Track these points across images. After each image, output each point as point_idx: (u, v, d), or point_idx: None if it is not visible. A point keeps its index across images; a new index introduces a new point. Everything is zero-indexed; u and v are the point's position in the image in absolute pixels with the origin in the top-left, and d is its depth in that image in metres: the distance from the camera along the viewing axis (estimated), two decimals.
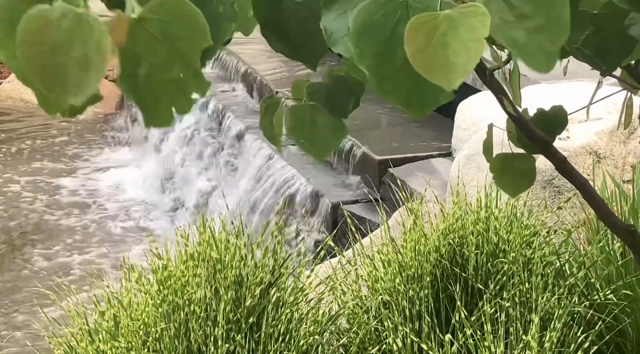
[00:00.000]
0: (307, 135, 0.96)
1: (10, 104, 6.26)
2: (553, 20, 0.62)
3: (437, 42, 0.57)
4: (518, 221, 1.99)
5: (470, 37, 0.57)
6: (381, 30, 0.62)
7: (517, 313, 1.78)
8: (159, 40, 0.59)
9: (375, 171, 3.47)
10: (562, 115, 1.19)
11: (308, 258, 2.09)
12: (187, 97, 0.63)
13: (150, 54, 0.59)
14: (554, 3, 0.62)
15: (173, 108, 0.63)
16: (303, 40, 0.78)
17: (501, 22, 0.61)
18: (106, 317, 1.78)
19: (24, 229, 4.44)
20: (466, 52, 0.57)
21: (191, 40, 0.60)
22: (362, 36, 0.62)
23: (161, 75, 0.61)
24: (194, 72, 0.61)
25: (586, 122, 2.73)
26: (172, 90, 0.62)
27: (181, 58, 0.60)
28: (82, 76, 0.55)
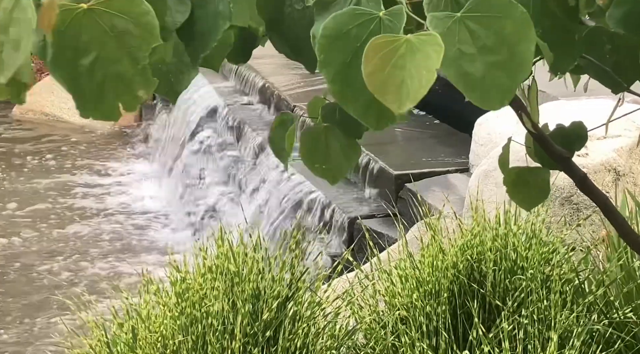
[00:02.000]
0: (320, 159, 0.97)
1: (30, 117, 6.34)
2: (515, 57, 0.62)
3: (395, 65, 0.58)
4: (537, 238, 1.98)
5: (424, 65, 0.57)
6: (352, 41, 0.63)
7: (535, 330, 1.77)
8: (108, 33, 0.59)
9: (392, 186, 3.47)
10: (582, 131, 1.19)
11: (325, 272, 2.09)
12: (133, 93, 0.63)
13: (97, 45, 0.60)
14: (519, 39, 0.62)
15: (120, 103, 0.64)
16: (303, 44, 0.79)
17: (459, 54, 0.61)
18: (124, 329, 1.79)
19: (42, 239, 4.48)
20: (419, 79, 0.58)
21: (140, 36, 0.60)
22: (330, 44, 0.63)
23: (107, 69, 0.61)
24: (141, 68, 0.61)
25: (605, 139, 2.72)
26: (117, 85, 0.62)
27: (129, 53, 0.60)
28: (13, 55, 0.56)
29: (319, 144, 0.97)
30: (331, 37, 0.62)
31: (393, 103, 0.58)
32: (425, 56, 0.57)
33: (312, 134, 0.97)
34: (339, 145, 0.96)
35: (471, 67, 0.61)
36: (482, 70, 0.61)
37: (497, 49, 0.61)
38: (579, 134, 1.17)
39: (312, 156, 0.97)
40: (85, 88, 0.62)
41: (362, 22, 0.62)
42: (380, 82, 0.58)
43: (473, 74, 0.61)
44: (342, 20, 0.62)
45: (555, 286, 1.85)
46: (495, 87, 0.62)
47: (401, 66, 0.57)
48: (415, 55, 0.57)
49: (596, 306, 1.86)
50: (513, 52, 0.61)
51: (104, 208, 4.90)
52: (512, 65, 0.62)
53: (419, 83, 0.57)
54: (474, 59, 0.61)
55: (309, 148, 0.97)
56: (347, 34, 0.62)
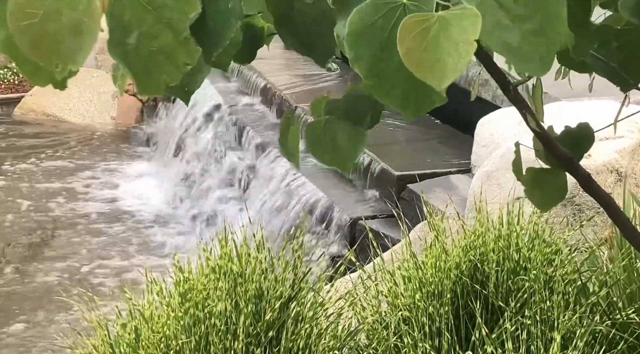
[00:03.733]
0: (327, 149, 0.97)
1: (32, 117, 6.34)
2: (549, 23, 0.62)
3: (429, 42, 0.58)
4: (540, 238, 1.98)
5: (462, 39, 0.57)
6: (378, 32, 0.62)
7: (538, 331, 1.77)
8: (146, 9, 0.59)
9: (394, 186, 3.47)
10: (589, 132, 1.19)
11: (327, 273, 2.09)
12: (176, 65, 0.63)
13: (138, 22, 0.60)
14: (549, 4, 0.62)
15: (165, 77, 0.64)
16: (313, 39, 0.79)
17: (495, 24, 0.61)
18: (128, 329, 1.79)
19: (43, 239, 4.48)
20: (457, 53, 0.57)
21: (177, 7, 0.60)
22: (358, 38, 0.63)
23: (149, 44, 0.61)
24: (182, 39, 0.62)
25: (607, 140, 2.72)
26: (161, 59, 0.62)
27: (168, 26, 0.60)
28: (75, 41, 0.56)
29: (325, 134, 0.96)
30: (358, 32, 0.62)
31: (433, 80, 0.58)
32: (461, 30, 0.57)
33: (316, 126, 0.97)
34: (345, 133, 0.96)
35: (509, 36, 0.61)
36: (519, 38, 0.61)
37: (529, 16, 0.61)
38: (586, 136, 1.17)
39: (319, 146, 0.96)
40: (136, 66, 0.62)
41: (386, 12, 0.62)
42: (417, 61, 0.58)
43: (512, 43, 0.61)
44: (366, 13, 0.62)
45: (558, 287, 1.85)
46: (536, 54, 0.62)
47: (435, 44, 0.57)
48: (449, 30, 0.57)
49: (599, 307, 1.86)
50: (546, 17, 0.61)
51: (106, 208, 4.90)
52: (547, 30, 0.62)
53: (458, 57, 0.57)
54: (510, 29, 0.61)
55: (314, 140, 0.97)
56: (373, 26, 0.62)
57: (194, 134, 5.04)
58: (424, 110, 0.66)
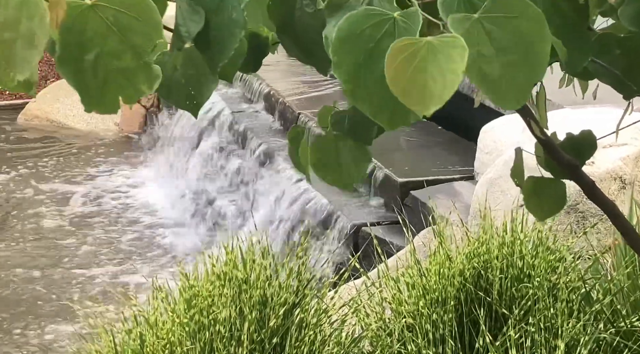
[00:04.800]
0: (331, 168, 0.97)
1: (36, 123, 6.36)
2: (531, 56, 0.62)
3: (416, 67, 0.58)
4: (543, 246, 1.98)
5: (448, 68, 0.57)
6: (365, 41, 0.63)
7: (542, 338, 1.77)
8: (111, 29, 0.60)
9: (397, 193, 3.48)
10: (591, 139, 1.19)
11: (331, 279, 2.10)
12: (135, 87, 0.64)
13: (101, 41, 0.60)
14: (534, 39, 0.62)
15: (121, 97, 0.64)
16: (314, 47, 0.79)
17: (478, 55, 0.61)
18: (133, 335, 1.80)
19: (47, 245, 4.49)
20: (443, 81, 0.58)
21: (144, 32, 0.61)
22: (344, 44, 0.63)
23: (110, 64, 0.61)
24: (144, 63, 0.62)
25: (611, 147, 2.72)
26: (120, 79, 0.62)
27: (132, 49, 0.61)
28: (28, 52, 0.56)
29: (329, 153, 0.97)
30: (345, 38, 0.63)
31: (417, 105, 0.58)
32: (448, 58, 0.57)
33: (321, 143, 0.97)
34: (349, 153, 0.97)
35: (489, 67, 0.61)
36: (499, 70, 0.61)
37: (513, 48, 0.61)
38: (589, 143, 1.18)
39: (323, 165, 0.97)
40: (90, 83, 0.63)
41: (376, 22, 0.62)
42: (403, 86, 0.58)
43: (491, 75, 0.61)
44: (356, 21, 0.62)
45: (562, 295, 1.85)
46: (513, 87, 0.62)
47: (423, 69, 0.57)
48: (437, 57, 0.57)
49: (603, 315, 1.86)
50: (529, 52, 0.62)
51: (109, 214, 4.91)
52: (528, 64, 0.62)
53: (442, 86, 0.57)
54: (492, 60, 0.61)
55: (320, 158, 0.98)
56: (361, 34, 0.62)
57: (197, 140, 5.05)
58: (399, 124, 0.66)
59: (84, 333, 1.96)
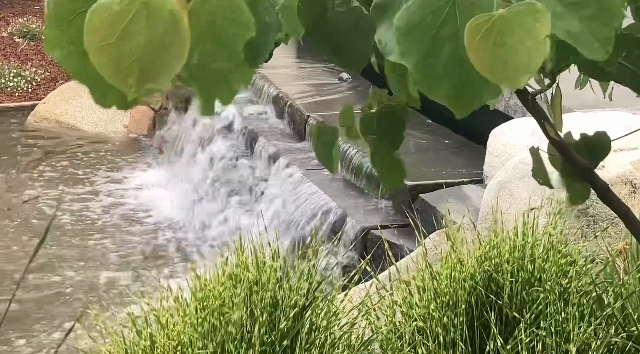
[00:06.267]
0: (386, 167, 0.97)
1: (45, 125, 6.38)
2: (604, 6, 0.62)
3: (494, 43, 0.58)
4: (554, 249, 1.98)
5: (528, 37, 0.57)
6: (427, 28, 0.63)
7: (553, 342, 1.77)
8: (206, 31, 0.60)
9: (406, 196, 3.47)
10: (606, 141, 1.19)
11: (341, 282, 2.10)
12: (230, 88, 0.64)
13: (199, 44, 0.61)
14: None
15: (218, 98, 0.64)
16: (346, 47, 0.79)
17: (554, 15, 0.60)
18: (143, 336, 1.80)
19: (58, 246, 4.50)
20: (526, 52, 0.57)
21: (236, 32, 0.61)
22: (407, 34, 0.63)
23: (208, 65, 0.62)
24: (237, 63, 0.62)
25: (622, 151, 2.72)
26: (215, 80, 0.63)
27: (226, 49, 0.61)
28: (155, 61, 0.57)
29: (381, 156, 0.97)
30: (407, 28, 0.63)
31: (505, 81, 0.58)
32: (525, 28, 0.57)
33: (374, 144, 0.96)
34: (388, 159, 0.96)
35: (568, 24, 0.61)
36: (578, 25, 0.62)
37: (585, 2, 0.62)
38: (603, 144, 1.17)
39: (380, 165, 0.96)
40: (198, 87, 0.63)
41: (435, 8, 0.62)
42: (487, 64, 0.58)
43: (573, 30, 0.61)
44: (414, 10, 0.63)
45: (573, 299, 1.85)
46: (594, 38, 0.62)
47: (501, 44, 0.57)
48: (513, 30, 0.57)
49: (614, 319, 1.86)
50: (601, 3, 0.62)
51: (119, 215, 4.92)
52: (604, 13, 0.62)
53: (527, 56, 0.57)
54: (566, 17, 0.61)
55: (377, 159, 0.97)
56: (422, 22, 0.62)
57: (205, 143, 5.06)
58: (472, 107, 0.65)
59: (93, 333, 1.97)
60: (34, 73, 6.93)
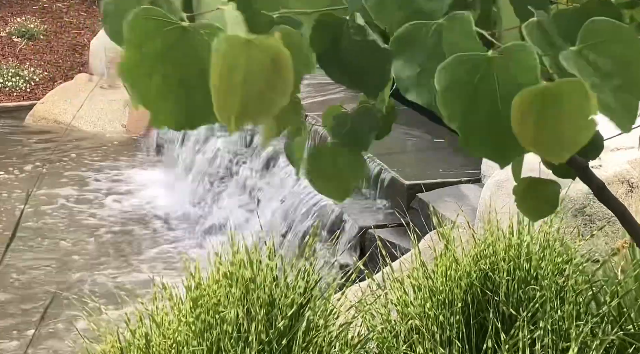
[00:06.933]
0: (327, 179, 0.97)
1: (43, 125, 6.38)
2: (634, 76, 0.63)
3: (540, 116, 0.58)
4: (551, 248, 1.98)
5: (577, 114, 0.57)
6: (465, 86, 0.63)
7: (549, 340, 1.77)
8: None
9: (403, 196, 3.47)
10: (598, 139, 1.19)
11: (338, 281, 2.09)
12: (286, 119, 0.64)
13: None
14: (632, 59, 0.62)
15: None
16: (361, 73, 0.79)
17: (592, 86, 0.61)
18: (137, 335, 1.80)
19: (53, 246, 4.50)
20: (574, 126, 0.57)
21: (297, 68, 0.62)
22: (448, 95, 0.63)
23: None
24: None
25: (618, 150, 2.71)
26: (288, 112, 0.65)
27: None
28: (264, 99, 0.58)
29: (326, 163, 0.96)
30: (447, 90, 0.63)
31: (549, 155, 0.58)
32: (573, 105, 0.57)
33: (319, 153, 0.97)
34: (346, 164, 0.96)
35: (603, 96, 0.62)
36: (611, 96, 0.62)
37: (616, 72, 0.62)
38: (595, 143, 1.17)
39: (319, 175, 0.97)
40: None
41: (470, 67, 0.62)
42: (531, 137, 0.58)
43: (607, 102, 0.62)
44: (452, 68, 0.63)
45: (569, 297, 1.85)
46: (625, 109, 0.63)
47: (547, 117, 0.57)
48: (560, 104, 0.57)
49: (610, 318, 1.85)
50: (631, 73, 0.63)
51: (116, 214, 4.92)
52: (633, 84, 0.63)
53: (575, 131, 0.57)
54: (602, 88, 0.62)
55: (315, 168, 0.97)
56: (458, 83, 0.63)
57: (204, 141, 5.06)
58: (513, 157, 0.66)
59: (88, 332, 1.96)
60: (32, 73, 6.93)
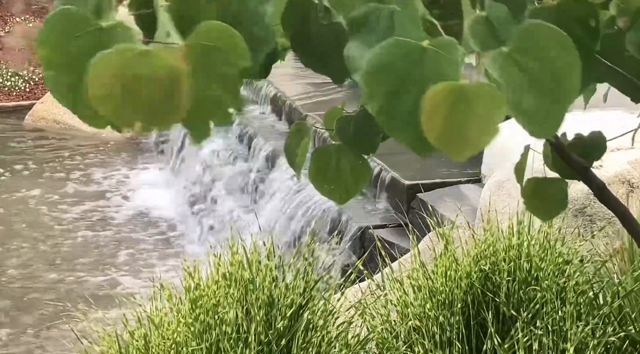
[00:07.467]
0: (329, 180, 0.96)
1: (43, 125, 6.38)
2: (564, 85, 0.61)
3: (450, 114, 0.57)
4: (551, 248, 1.97)
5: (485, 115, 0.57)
6: (396, 70, 0.62)
7: (550, 341, 1.76)
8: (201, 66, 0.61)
9: (403, 196, 3.47)
10: (601, 141, 1.18)
11: (337, 281, 2.09)
12: (224, 112, 0.65)
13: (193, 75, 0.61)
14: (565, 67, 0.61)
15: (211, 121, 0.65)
16: (328, 58, 0.79)
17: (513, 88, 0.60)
18: (136, 336, 1.79)
19: (51, 246, 4.49)
20: (479, 129, 0.57)
21: (232, 62, 0.61)
22: (375, 75, 0.62)
23: (201, 94, 0.62)
24: (232, 90, 0.63)
25: (619, 151, 2.71)
26: (210, 107, 0.63)
27: (221, 79, 0.62)
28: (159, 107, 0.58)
29: (330, 164, 0.96)
30: (375, 71, 0.62)
31: (451, 152, 0.58)
32: (483, 107, 0.56)
33: (323, 153, 0.96)
34: (350, 166, 0.96)
35: (524, 99, 0.61)
36: (533, 101, 0.61)
37: (546, 78, 0.61)
38: (598, 144, 1.17)
39: (322, 176, 0.96)
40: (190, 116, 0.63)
41: (405, 53, 0.62)
42: (437, 132, 0.58)
43: (526, 106, 0.61)
44: (386, 52, 0.62)
45: (570, 298, 1.84)
46: (547, 116, 0.62)
47: (456, 116, 0.57)
48: (471, 105, 0.56)
49: (611, 319, 1.85)
50: (561, 80, 0.61)
51: (115, 215, 4.91)
52: (561, 92, 0.62)
53: (479, 133, 0.57)
54: (526, 91, 0.61)
55: (319, 168, 0.97)
56: (391, 66, 0.62)
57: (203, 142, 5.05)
58: (432, 151, 0.65)
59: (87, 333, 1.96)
60: (31, 72, 6.92)
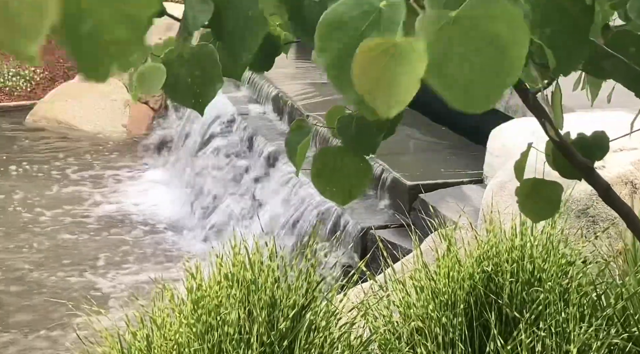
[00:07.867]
0: (331, 182, 0.96)
1: (44, 124, 6.37)
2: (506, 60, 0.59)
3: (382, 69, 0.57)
4: (554, 249, 1.97)
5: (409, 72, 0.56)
6: (350, 30, 0.62)
7: (553, 343, 1.75)
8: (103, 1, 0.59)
9: (405, 196, 3.46)
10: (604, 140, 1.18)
11: (340, 282, 2.08)
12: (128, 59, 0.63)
13: (95, 12, 0.59)
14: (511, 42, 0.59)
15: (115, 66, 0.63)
16: None
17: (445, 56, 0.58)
18: (138, 337, 1.79)
19: (53, 247, 4.49)
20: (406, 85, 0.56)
21: (140, 3, 0.60)
22: (330, 32, 0.63)
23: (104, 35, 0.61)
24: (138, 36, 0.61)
25: (622, 151, 2.70)
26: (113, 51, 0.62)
27: (127, 20, 0.60)
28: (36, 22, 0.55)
29: (331, 166, 0.96)
30: (330, 26, 0.63)
31: (380, 107, 0.57)
32: (410, 63, 0.56)
33: (324, 155, 0.96)
34: (351, 168, 0.95)
35: (456, 69, 0.59)
36: (468, 72, 0.59)
37: (488, 50, 0.59)
38: (601, 144, 1.16)
39: (323, 178, 0.96)
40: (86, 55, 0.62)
41: (362, 12, 0.62)
42: (368, 86, 0.57)
43: (457, 77, 0.59)
44: (342, 10, 0.63)
45: (573, 299, 1.84)
46: (481, 91, 0.60)
47: (387, 71, 0.57)
48: (401, 61, 0.56)
49: (615, 320, 1.84)
50: (504, 55, 0.59)
51: (115, 214, 4.91)
52: (501, 68, 0.59)
53: (405, 90, 0.56)
54: (463, 60, 0.59)
55: (320, 170, 0.96)
56: (346, 23, 0.62)
57: (205, 142, 5.05)
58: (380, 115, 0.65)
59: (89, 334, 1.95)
60: (32, 72, 6.92)
